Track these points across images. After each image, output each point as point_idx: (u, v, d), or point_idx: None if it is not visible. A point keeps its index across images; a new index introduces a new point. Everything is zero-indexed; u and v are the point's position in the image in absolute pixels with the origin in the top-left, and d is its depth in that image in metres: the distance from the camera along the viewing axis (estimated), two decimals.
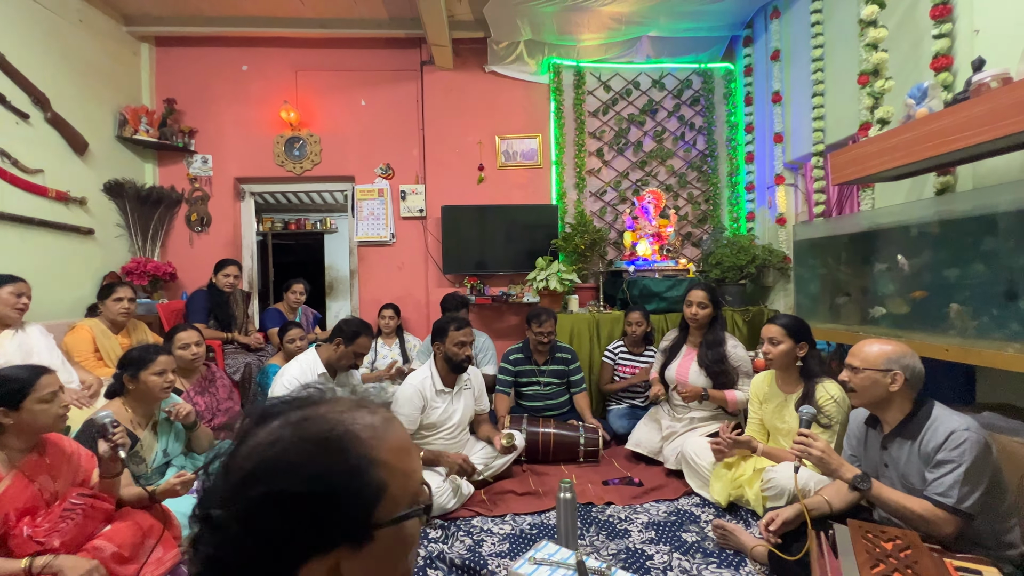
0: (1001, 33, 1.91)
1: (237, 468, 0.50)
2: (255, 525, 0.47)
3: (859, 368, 1.52)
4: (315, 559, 0.47)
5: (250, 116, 4.01)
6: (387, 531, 0.50)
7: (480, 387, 2.54)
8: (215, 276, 3.36)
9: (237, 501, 0.48)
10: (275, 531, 0.47)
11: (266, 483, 0.48)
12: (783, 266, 3.50)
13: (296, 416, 0.52)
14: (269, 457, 0.49)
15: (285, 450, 0.49)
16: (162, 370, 1.86)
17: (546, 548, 1.40)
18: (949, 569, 1.17)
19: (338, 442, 0.50)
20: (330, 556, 0.48)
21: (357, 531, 0.49)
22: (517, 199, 4.09)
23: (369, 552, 0.49)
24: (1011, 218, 1.74)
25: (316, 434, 0.51)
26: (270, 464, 0.49)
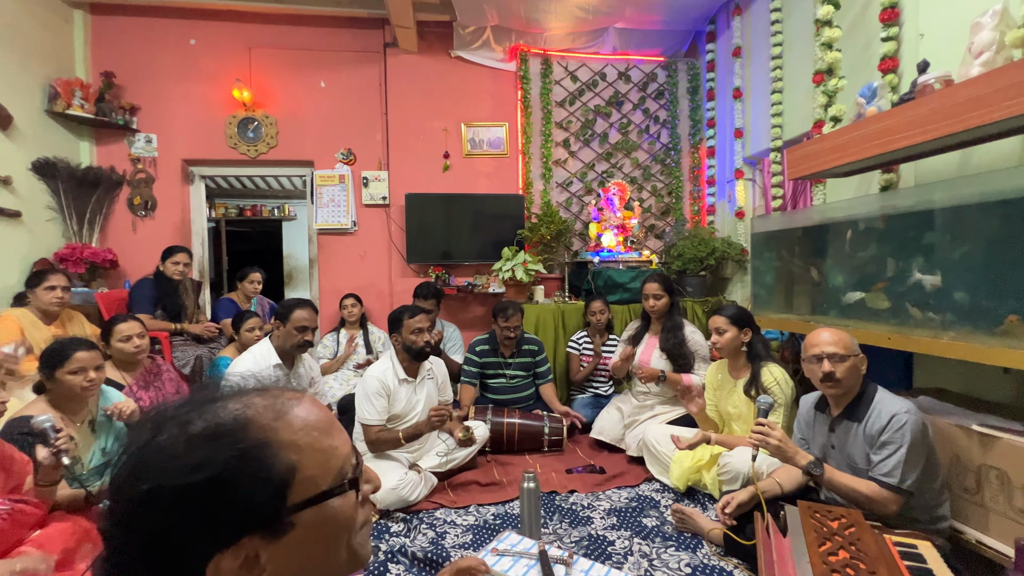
0: (944, 37, 2.01)
1: (118, 475, 0.46)
2: (138, 527, 0.44)
3: (845, 356, 1.55)
4: (220, 554, 0.44)
5: (199, 94, 3.77)
6: (308, 514, 0.48)
7: (444, 377, 2.50)
8: (162, 264, 3.16)
9: (118, 506, 0.45)
10: (160, 531, 0.44)
11: (145, 481, 0.44)
12: (741, 258, 3.62)
13: (184, 413, 0.49)
14: (148, 455, 0.46)
15: (164, 445, 0.46)
16: (79, 368, 1.71)
17: (509, 538, 1.39)
18: (888, 544, 1.23)
19: (226, 430, 0.47)
20: (239, 548, 0.45)
21: (268, 518, 0.46)
22: (483, 188, 4.04)
23: (294, 540, 0.47)
24: (947, 214, 1.84)
25: (202, 426, 0.47)
26: (148, 461, 0.46)
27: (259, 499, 0.46)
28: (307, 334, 2.22)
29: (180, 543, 0.44)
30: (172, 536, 0.44)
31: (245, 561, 0.45)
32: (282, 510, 0.46)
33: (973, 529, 1.57)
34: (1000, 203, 1.67)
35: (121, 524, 0.45)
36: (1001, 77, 1.42)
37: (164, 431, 0.47)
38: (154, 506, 0.44)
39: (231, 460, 0.45)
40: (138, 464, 0.46)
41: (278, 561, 0.46)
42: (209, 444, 0.46)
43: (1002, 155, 1.83)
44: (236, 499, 0.45)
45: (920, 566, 1.18)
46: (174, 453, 0.45)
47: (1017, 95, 1.37)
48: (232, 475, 0.45)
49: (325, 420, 0.53)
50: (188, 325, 3.15)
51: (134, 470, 0.46)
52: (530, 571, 1.24)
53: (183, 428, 0.47)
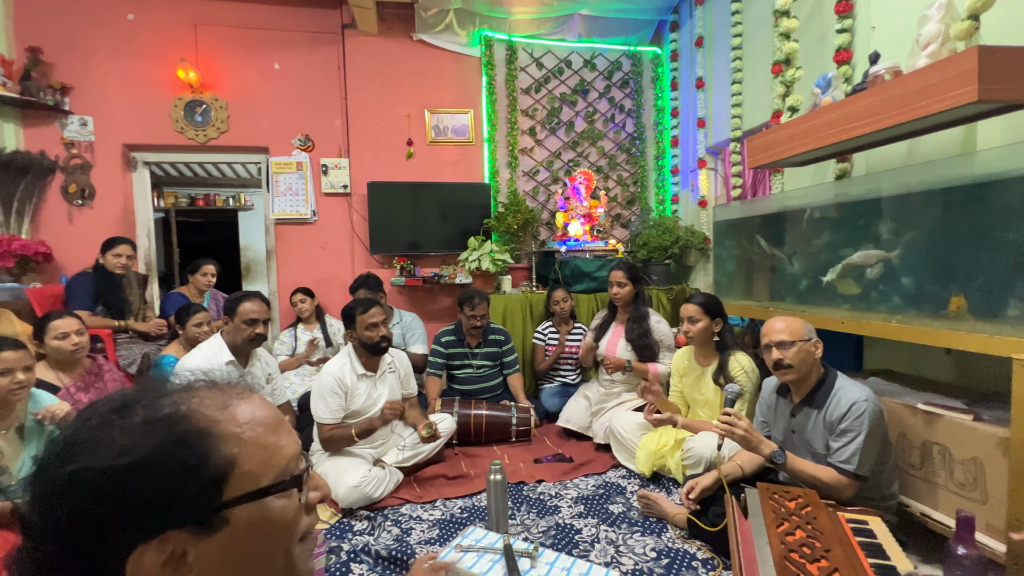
0: (895, 29, 2.07)
1: (44, 460, 0.44)
2: (58, 513, 0.42)
3: (792, 342, 1.59)
4: (144, 545, 0.42)
5: (139, 74, 3.51)
6: (244, 510, 0.45)
7: (406, 370, 2.44)
8: (103, 256, 2.94)
9: (39, 491, 0.43)
10: (81, 517, 0.41)
11: (70, 463, 0.42)
12: (703, 246, 3.69)
13: (126, 403, 0.47)
14: (78, 439, 0.44)
15: (96, 430, 0.44)
16: (5, 369, 1.58)
17: (473, 533, 1.37)
18: (842, 522, 1.28)
19: (163, 416, 0.46)
20: (165, 542, 0.42)
21: (198, 511, 0.44)
22: (448, 176, 3.95)
23: (227, 538, 0.45)
24: (896, 201, 1.91)
25: (142, 415, 0.46)
26: (78, 445, 0.43)
27: (190, 489, 0.44)
28: (258, 327, 2.11)
29: (101, 531, 0.42)
30: (93, 523, 0.41)
31: (170, 557, 0.43)
32: (215, 504, 0.44)
33: (918, 503, 1.66)
34: (943, 191, 1.75)
35: (42, 510, 0.43)
36: (946, 68, 1.47)
37: (99, 417, 0.45)
38: (76, 490, 0.41)
39: (163, 446, 0.44)
40: (66, 448, 0.43)
41: (207, 561, 0.44)
42: (144, 429, 0.44)
43: (946, 145, 1.90)
44: (163, 487, 0.43)
45: (871, 541, 1.23)
46: (106, 438, 0.43)
47: (961, 85, 1.42)
48: (162, 460, 0.43)
49: (273, 418, 0.51)
50: (134, 322, 2.96)
51: (61, 453, 0.43)
52: (495, 566, 1.22)
53: (120, 415, 0.45)
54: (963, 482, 1.53)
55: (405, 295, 3.89)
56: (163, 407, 0.46)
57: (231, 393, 0.50)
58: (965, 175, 1.67)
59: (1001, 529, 1.41)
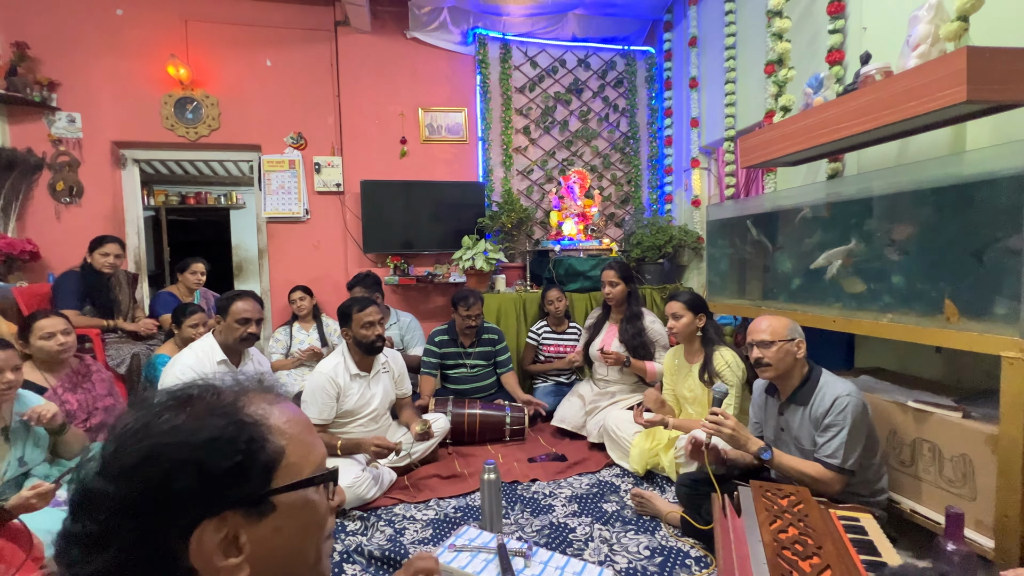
0: (886, 30, 2.09)
1: (116, 436, 0.48)
2: (134, 485, 0.45)
3: (772, 341, 1.61)
4: (205, 522, 0.45)
5: (128, 70, 3.46)
6: (289, 498, 0.50)
7: (400, 370, 2.43)
8: (90, 255, 2.90)
9: (114, 467, 0.46)
10: (156, 488, 0.45)
11: (147, 439, 0.46)
12: (697, 246, 3.70)
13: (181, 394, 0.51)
14: (150, 421, 0.48)
15: (167, 415, 0.48)
16: None
17: (467, 533, 1.36)
18: (833, 519, 1.29)
19: (226, 406, 0.51)
20: (223, 521, 0.46)
21: (253, 495, 0.48)
22: (442, 175, 3.94)
23: (272, 523, 0.48)
24: (886, 201, 1.93)
25: (200, 405, 0.50)
26: (151, 426, 0.47)
27: (251, 470, 0.48)
28: (250, 326, 2.09)
29: (172, 505, 0.45)
30: (166, 496, 0.45)
31: (226, 538, 0.46)
32: (268, 488, 0.49)
33: (908, 499, 1.67)
34: (933, 190, 1.76)
35: (116, 482, 0.45)
36: (935, 69, 1.48)
37: (165, 406, 0.49)
38: (156, 462, 0.45)
39: (230, 427, 0.48)
40: (140, 427, 0.47)
41: (256, 543, 0.48)
42: (210, 415, 0.49)
43: (936, 145, 1.92)
44: (232, 463, 0.47)
45: (862, 538, 1.24)
46: (177, 419, 0.48)
47: (950, 85, 1.43)
48: (230, 440, 0.48)
49: (306, 419, 0.57)
50: (123, 322, 2.92)
51: (136, 432, 0.47)
52: (488, 565, 1.21)
53: (184, 404, 0.50)
54: (952, 479, 1.54)
55: (399, 294, 3.88)
56: (223, 398, 0.51)
57: (274, 394, 0.56)
58: (954, 175, 1.68)
59: (989, 525, 1.43)
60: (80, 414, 2.10)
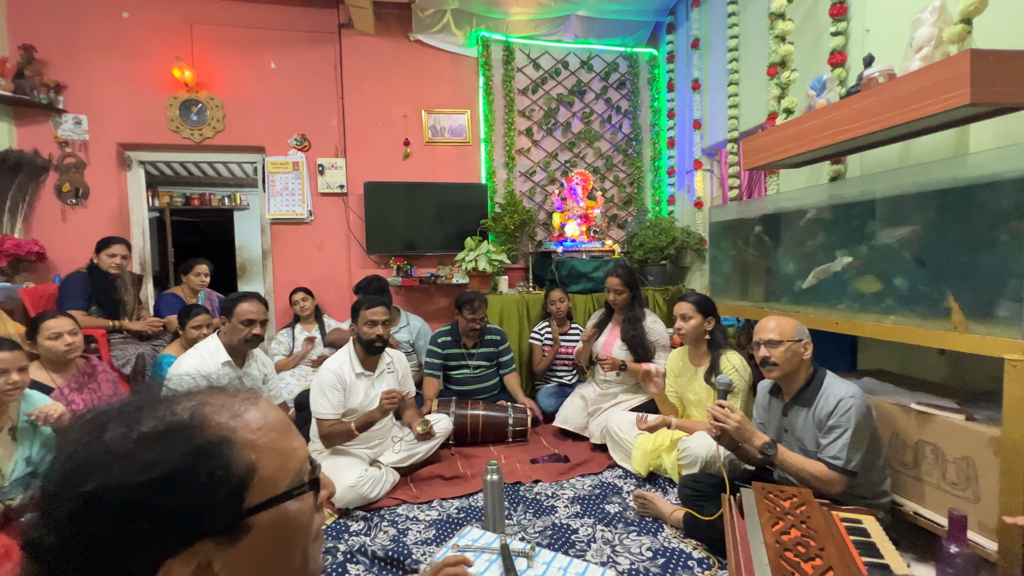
0: (888, 33, 2.09)
1: (53, 477, 0.42)
2: (78, 534, 0.39)
3: (780, 341, 1.61)
4: (171, 559, 0.41)
5: (134, 73, 3.49)
6: (266, 516, 0.45)
7: (404, 370, 2.44)
8: (97, 256, 2.92)
9: (54, 513, 0.40)
10: (105, 537, 0.39)
11: (89, 482, 0.40)
12: (700, 247, 3.70)
13: (131, 411, 0.45)
14: (90, 454, 0.42)
15: (110, 444, 0.42)
16: (1, 370, 1.58)
17: (470, 534, 1.37)
18: (836, 520, 1.29)
19: (181, 426, 0.44)
20: (192, 555, 0.41)
21: (224, 521, 0.43)
22: (445, 177, 3.95)
23: (250, 544, 0.44)
24: (889, 203, 1.93)
25: (153, 424, 0.44)
26: (91, 461, 0.41)
27: (216, 499, 0.42)
28: (255, 328, 2.10)
29: (126, 551, 0.40)
30: (118, 543, 0.40)
31: (197, 569, 0.42)
32: (239, 512, 0.43)
33: (911, 501, 1.67)
34: (936, 193, 1.76)
35: (58, 532, 0.40)
36: (939, 71, 1.48)
37: (108, 429, 0.43)
38: (99, 510, 0.39)
39: (187, 457, 0.42)
40: (80, 464, 0.41)
41: (232, 568, 0.43)
42: (163, 441, 0.43)
43: (938, 147, 1.92)
44: (191, 499, 0.42)
45: (864, 540, 1.24)
46: (122, 451, 0.41)
47: (953, 88, 1.43)
48: (188, 473, 0.42)
49: (282, 422, 0.51)
50: (128, 322, 2.94)
51: (75, 471, 0.41)
52: (492, 566, 1.22)
53: (131, 426, 0.43)
54: (955, 481, 1.54)
55: (402, 295, 3.89)
56: (176, 416, 0.45)
57: (240, 398, 0.49)
58: (957, 177, 1.68)
59: (993, 528, 1.43)
60: None
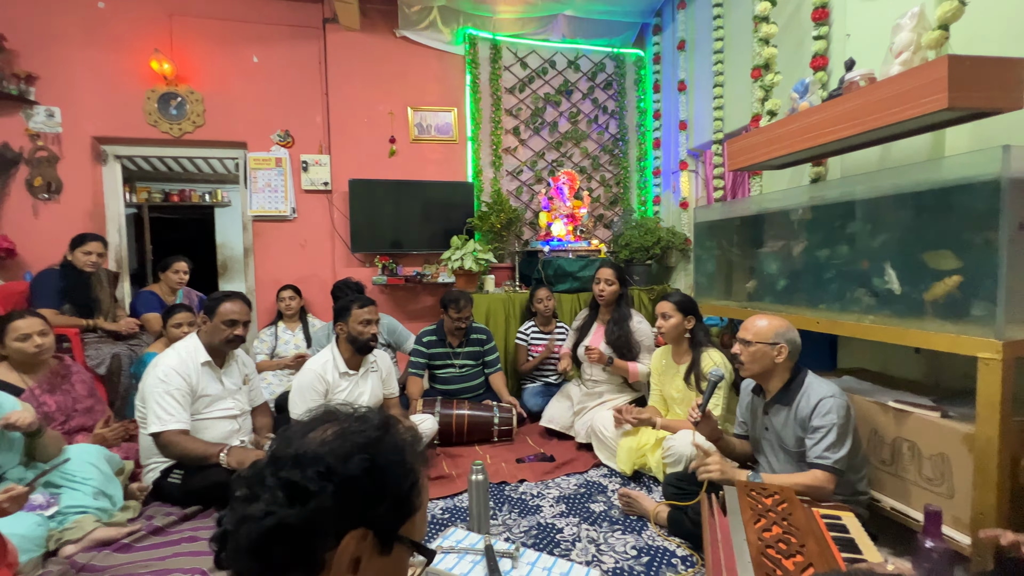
0: (869, 37, 2.13)
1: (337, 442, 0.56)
2: (331, 474, 0.53)
3: (751, 341, 1.64)
4: (361, 529, 0.53)
5: (111, 65, 3.40)
6: (401, 550, 0.56)
7: (388, 370, 2.42)
8: (71, 253, 2.83)
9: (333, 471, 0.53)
10: (348, 483, 0.53)
11: (317, 464, 0.53)
12: (684, 247, 3.73)
13: (343, 419, 0.61)
14: (310, 446, 0.56)
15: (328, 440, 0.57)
16: None
17: (454, 535, 1.36)
18: (816, 517, 1.30)
19: (402, 444, 0.59)
20: (365, 537, 0.53)
21: (392, 530, 0.55)
22: (431, 175, 3.92)
23: (384, 562, 0.55)
24: (867, 204, 1.96)
25: (392, 433, 0.60)
26: (311, 451, 0.55)
27: (403, 507, 0.57)
28: (237, 328, 2.06)
29: (351, 502, 0.53)
30: (351, 493, 0.53)
31: (356, 553, 0.53)
32: (399, 532, 0.56)
33: (888, 497, 1.71)
34: (913, 195, 1.80)
35: (330, 480, 0.52)
36: (918, 76, 1.52)
37: (321, 430, 0.58)
38: (357, 462, 0.54)
39: (407, 463, 0.58)
40: (301, 452, 0.54)
41: (365, 573, 0.54)
42: (396, 446, 0.58)
43: (916, 150, 1.96)
44: (400, 490, 0.56)
45: (844, 536, 1.26)
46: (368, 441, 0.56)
47: (931, 92, 1.46)
48: (409, 471, 0.58)
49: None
50: (103, 321, 2.86)
51: (298, 456, 0.54)
52: (476, 567, 1.21)
53: (379, 427, 0.59)
54: (931, 477, 1.58)
55: (387, 294, 3.85)
56: (400, 438, 0.60)
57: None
58: (934, 180, 1.72)
59: (967, 523, 1.46)
60: (58, 416, 2.05)
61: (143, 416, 1.96)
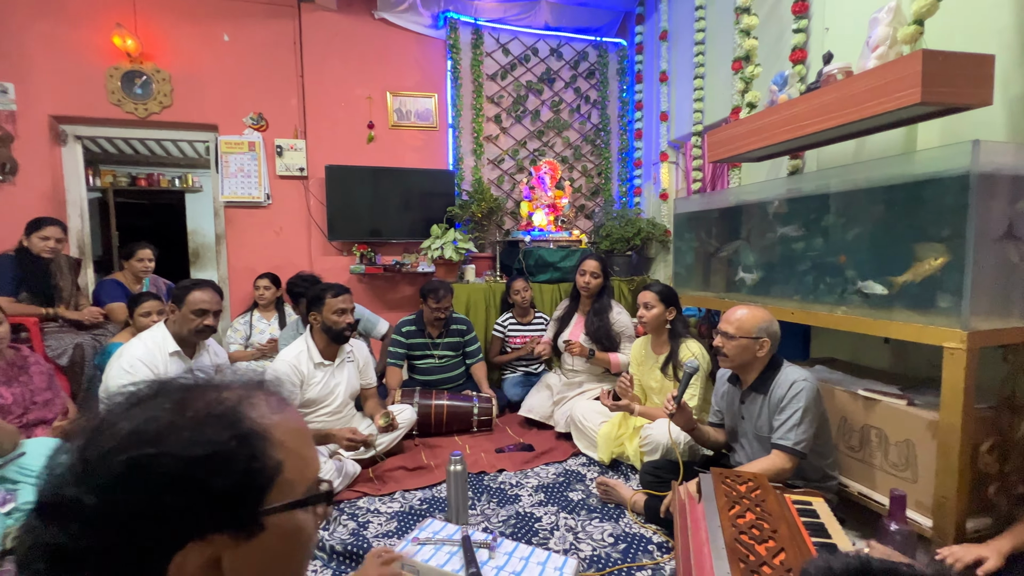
0: (847, 31, 2.15)
1: (98, 446, 0.42)
2: (119, 498, 0.40)
3: (734, 335, 1.65)
4: (192, 544, 0.41)
5: (69, 39, 3.21)
6: (280, 519, 0.45)
7: (365, 360, 2.38)
8: (28, 238, 2.69)
9: (97, 475, 0.41)
10: (143, 506, 0.40)
11: (134, 449, 0.41)
12: (664, 239, 3.76)
13: (176, 393, 0.47)
14: (139, 427, 0.43)
15: (158, 418, 0.43)
16: None
17: (431, 526, 1.34)
18: (788, 503, 1.33)
19: (226, 412, 0.46)
20: (209, 543, 0.42)
21: (244, 515, 0.43)
22: (411, 162, 3.85)
23: (259, 544, 0.44)
24: (842, 197, 2.00)
25: (199, 406, 0.45)
26: (140, 432, 0.42)
27: (245, 489, 0.44)
28: (207, 318, 1.98)
29: (154, 523, 0.41)
30: (155, 513, 0.40)
31: (207, 562, 0.42)
32: (261, 508, 0.44)
33: (856, 483, 1.76)
34: (885, 188, 1.84)
35: (98, 494, 0.40)
36: (892, 70, 1.53)
37: (155, 407, 0.44)
38: (142, 477, 0.41)
39: (230, 442, 0.44)
40: (128, 435, 0.42)
41: (237, 568, 0.44)
42: (210, 423, 0.44)
43: (889, 144, 2.00)
44: (224, 484, 0.42)
45: (814, 521, 1.29)
46: (170, 427, 0.43)
47: (906, 87, 1.48)
48: (228, 458, 0.43)
49: (305, 429, 0.52)
50: (64, 310, 2.73)
51: (121, 442, 0.42)
52: (452, 558, 1.20)
53: (182, 403, 0.45)
54: (897, 463, 1.63)
55: (365, 283, 3.79)
56: (222, 403, 0.46)
57: (275, 398, 0.51)
58: (906, 174, 1.75)
59: (929, 506, 1.51)
60: (15, 409, 1.96)
61: None
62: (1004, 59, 1.59)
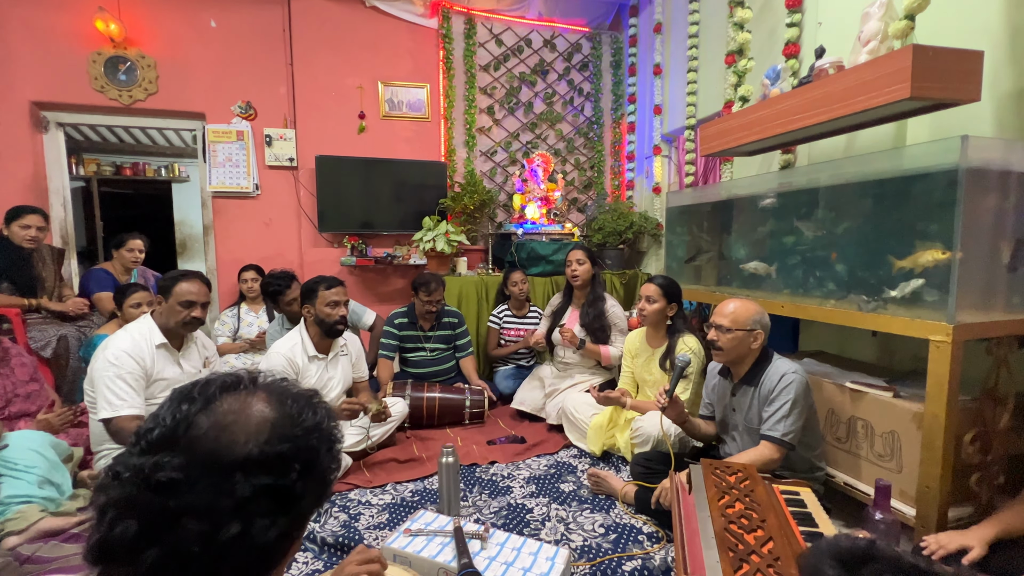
0: (840, 25, 2.16)
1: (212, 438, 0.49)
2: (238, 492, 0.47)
3: (729, 328, 1.65)
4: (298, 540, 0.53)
5: (50, 23, 3.12)
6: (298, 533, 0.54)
7: (358, 353, 2.36)
8: (7, 227, 2.63)
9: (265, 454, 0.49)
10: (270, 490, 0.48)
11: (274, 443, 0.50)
12: (656, 232, 3.77)
13: (288, 393, 0.56)
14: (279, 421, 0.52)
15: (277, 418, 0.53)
16: None
17: (423, 517, 1.34)
18: (776, 493, 1.35)
19: (322, 426, 0.56)
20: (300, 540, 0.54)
21: (309, 513, 0.54)
22: (403, 153, 3.81)
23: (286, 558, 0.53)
24: (832, 191, 2.01)
25: (310, 414, 0.56)
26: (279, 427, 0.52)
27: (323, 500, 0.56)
28: (195, 310, 1.95)
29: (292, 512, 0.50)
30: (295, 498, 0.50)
31: None
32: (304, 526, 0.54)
33: (843, 473, 1.79)
34: (875, 182, 1.85)
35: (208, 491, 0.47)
36: (883, 65, 1.54)
37: (287, 407, 0.53)
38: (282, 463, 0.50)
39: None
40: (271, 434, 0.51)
41: None
42: (310, 431, 0.53)
43: (879, 140, 2.02)
44: (319, 491, 0.54)
45: (801, 510, 1.31)
46: (293, 423, 0.53)
47: (896, 82, 1.49)
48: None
49: None
50: (47, 301, 2.68)
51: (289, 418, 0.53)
52: (444, 549, 1.20)
53: (302, 410, 0.54)
54: (882, 453, 1.66)
55: (356, 276, 3.76)
56: (317, 412, 0.56)
57: None
58: (896, 168, 1.77)
59: (913, 495, 1.55)
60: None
61: (92, 401, 1.85)
62: (993, 55, 1.61)
